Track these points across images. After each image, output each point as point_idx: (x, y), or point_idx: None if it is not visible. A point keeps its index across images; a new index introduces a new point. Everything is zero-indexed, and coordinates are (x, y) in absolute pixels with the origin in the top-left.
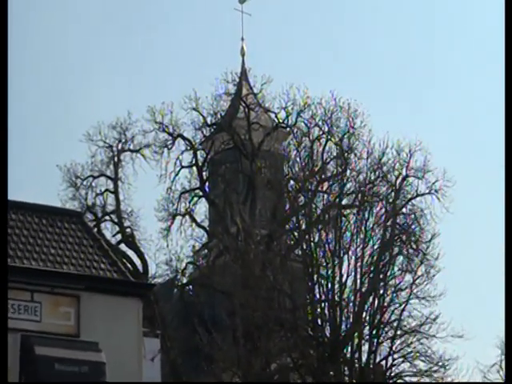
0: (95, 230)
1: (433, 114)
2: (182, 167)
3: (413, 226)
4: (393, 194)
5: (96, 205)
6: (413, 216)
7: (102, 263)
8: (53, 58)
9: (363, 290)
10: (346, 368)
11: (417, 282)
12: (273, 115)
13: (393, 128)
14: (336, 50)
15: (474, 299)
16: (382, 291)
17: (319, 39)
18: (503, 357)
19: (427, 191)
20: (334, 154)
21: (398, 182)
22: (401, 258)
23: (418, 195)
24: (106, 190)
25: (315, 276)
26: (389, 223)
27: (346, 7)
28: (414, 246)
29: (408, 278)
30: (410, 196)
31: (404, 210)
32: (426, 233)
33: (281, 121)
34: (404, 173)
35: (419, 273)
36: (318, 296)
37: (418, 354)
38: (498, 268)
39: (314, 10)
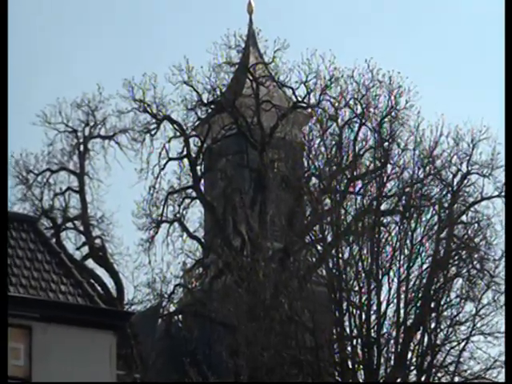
0: (53, 240)
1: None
2: (170, 159)
3: (476, 239)
4: (449, 196)
5: (55, 208)
6: (476, 226)
7: (62, 284)
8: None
9: (408, 323)
10: None
11: (481, 313)
12: (289, 92)
13: (450, 110)
14: (373, 5)
15: None
16: (433, 325)
17: None
18: None
19: (495, 193)
20: (371, 144)
21: (455, 180)
22: (460, 281)
23: (483, 198)
24: (69, 188)
25: (344, 304)
26: (443, 235)
27: None
28: (478, 266)
29: (469, 307)
30: (472, 200)
31: (464, 217)
32: (494, 248)
33: (300, 99)
34: (464, 169)
35: (484, 301)
36: (348, 331)
37: None
38: None
39: None
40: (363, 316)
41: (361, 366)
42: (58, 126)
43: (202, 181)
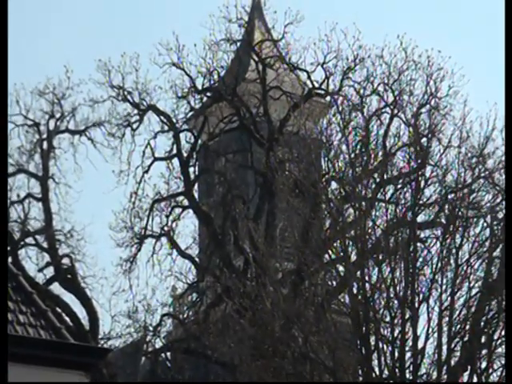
0: (9, 259)
1: None
2: (156, 159)
3: None
4: (503, 204)
5: (11, 219)
6: None
7: (20, 314)
8: None
9: (453, 362)
10: None
11: None
12: (303, 75)
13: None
14: None
15: None
16: (484, 364)
17: None
18: None
19: None
20: (405, 140)
21: None
22: None
23: None
24: (29, 194)
25: (372, 338)
26: (497, 253)
27: None
28: None
29: None
30: None
31: None
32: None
33: (316, 85)
34: None
35: None
36: (377, 371)
37: None
38: None
39: None
40: (396, 353)
41: None
42: (15, 118)
43: (196, 186)
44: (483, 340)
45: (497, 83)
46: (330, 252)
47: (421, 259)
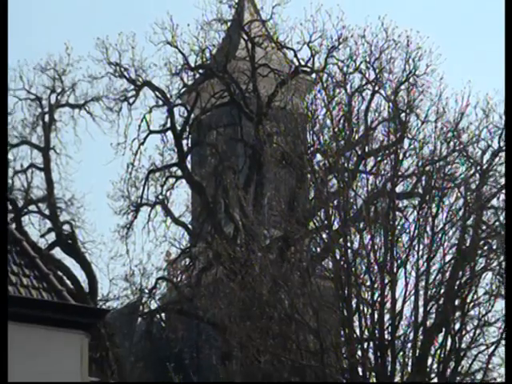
0: (13, 225)
1: None
2: (151, 132)
3: None
4: (477, 176)
5: (15, 188)
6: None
7: (23, 277)
8: None
9: (428, 323)
10: None
11: None
12: (290, 54)
13: (478, 75)
14: None
15: None
16: (457, 326)
17: None
18: None
19: None
20: (385, 115)
21: (485, 158)
22: (489, 275)
23: None
24: (31, 165)
25: (354, 301)
26: (470, 221)
27: None
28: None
29: (500, 305)
30: (504, 181)
31: (494, 201)
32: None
33: (302, 63)
34: (495, 145)
35: None
36: (358, 332)
37: None
38: None
39: None
40: (375, 315)
41: (373, 373)
42: (19, 92)
43: (189, 157)
44: (457, 303)
45: (471, 62)
46: (314, 220)
47: (399, 227)
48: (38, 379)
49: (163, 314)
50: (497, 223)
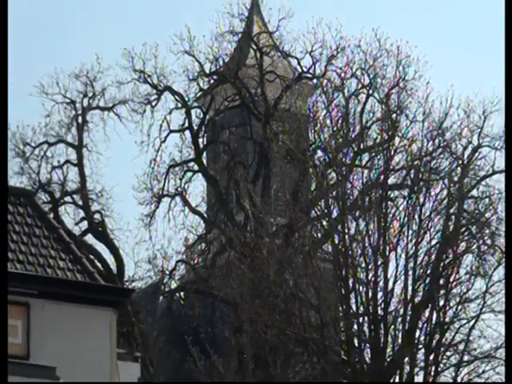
0: (51, 215)
1: None
2: (171, 131)
3: (487, 214)
4: (459, 170)
5: (52, 181)
6: (487, 200)
7: (60, 260)
8: None
9: (416, 300)
10: None
11: (491, 290)
12: (294, 62)
13: (460, 80)
14: None
15: None
16: (442, 302)
17: None
18: None
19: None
20: (378, 116)
21: (466, 154)
22: (470, 257)
23: (494, 172)
24: (67, 161)
25: (351, 281)
26: (453, 210)
27: None
28: (489, 242)
29: (479, 284)
30: (483, 173)
31: (474, 191)
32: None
33: (305, 70)
34: (475, 142)
35: (495, 278)
36: (354, 308)
37: None
38: None
39: None
40: (370, 293)
41: (367, 345)
42: (56, 96)
43: (205, 154)
44: (441, 282)
45: (454, 69)
46: (315, 209)
47: (390, 215)
48: (72, 351)
49: (182, 293)
50: (476, 211)
